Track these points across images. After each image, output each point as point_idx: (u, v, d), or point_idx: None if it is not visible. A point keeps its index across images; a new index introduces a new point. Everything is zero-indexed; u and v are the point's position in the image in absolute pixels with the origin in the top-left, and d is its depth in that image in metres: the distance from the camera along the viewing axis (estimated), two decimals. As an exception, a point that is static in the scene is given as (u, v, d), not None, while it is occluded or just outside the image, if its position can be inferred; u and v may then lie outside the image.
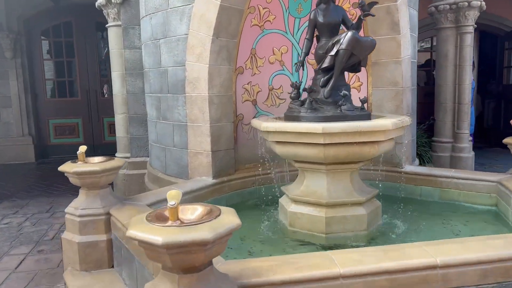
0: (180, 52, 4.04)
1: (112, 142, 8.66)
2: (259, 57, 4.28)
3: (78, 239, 3.10)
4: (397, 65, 4.14)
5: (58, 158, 9.05)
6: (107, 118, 9.14)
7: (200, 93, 3.92)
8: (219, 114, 3.99)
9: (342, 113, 3.20)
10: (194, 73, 3.93)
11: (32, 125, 8.81)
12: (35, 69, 8.92)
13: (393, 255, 2.12)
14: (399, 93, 4.19)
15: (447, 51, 6.28)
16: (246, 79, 4.24)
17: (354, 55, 3.28)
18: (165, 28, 4.16)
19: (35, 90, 8.95)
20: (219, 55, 3.90)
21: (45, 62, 9.15)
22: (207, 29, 3.79)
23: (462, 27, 6.10)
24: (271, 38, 4.27)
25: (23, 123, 8.65)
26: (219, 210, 1.85)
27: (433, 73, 8.66)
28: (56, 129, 9.14)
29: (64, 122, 9.17)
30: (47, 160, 8.94)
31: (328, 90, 3.33)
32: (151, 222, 1.73)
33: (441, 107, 6.45)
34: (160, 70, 4.33)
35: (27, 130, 8.74)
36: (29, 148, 8.68)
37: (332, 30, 3.44)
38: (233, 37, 3.97)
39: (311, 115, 3.23)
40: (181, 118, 4.14)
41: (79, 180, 3.07)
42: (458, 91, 6.27)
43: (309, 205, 3.31)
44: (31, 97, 8.78)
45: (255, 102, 4.34)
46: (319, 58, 3.44)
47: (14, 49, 8.30)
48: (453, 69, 6.28)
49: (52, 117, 9.08)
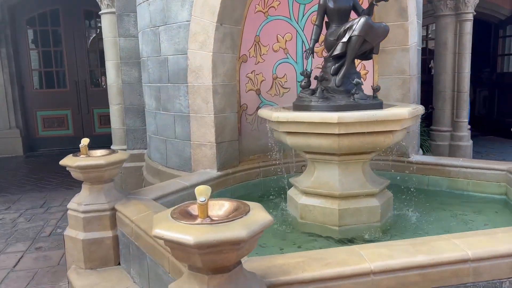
0: (182, 39, 3.88)
1: (103, 134, 8.50)
2: (263, 45, 4.14)
3: (82, 236, 2.95)
4: (405, 52, 4.05)
5: (47, 151, 8.84)
6: (98, 110, 8.90)
7: (203, 83, 3.78)
8: (223, 104, 3.85)
9: (355, 102, 3.10)
10: (197, 61, 3.78)
11: (20, 117, 8.52)
12: (21, 59, 8.61)
13: (423, 249, 2.04)
14: (406, 81, 4.11)
15: (446, 39, 6.23)
16: (249, 67, 4.11)
17: (366, 42, 3.17)
18: (165, 14, 3.99)
19: (22, 81, 8.65)
20: (223, 43, 3.75)
21: (31, 52, 8.83)
22: (211, 15, 3.64)
23: (462, 14, 6.05)
24: (275, 25, 4.13)
25: (9, 115, 8.36)
26: (247, 205, 1.74)
27: (428, 62, 8.64)
28: (44, 121, 8.86)
29: (52, 114, 8.90)
30: (36, 153, 8.68)
31: (340, 78, 3.23)
32: (177, 220, 1.60)
33: (440, 96, 6.42)
34: (159, 58, 4.16)
35: (14, 123, 8.45)
36: (17, 141, 8.40)
37: (343, 16, 3.32)
38: (237, 24, 3.82)
39: (323, 104, 3.12)
40: (183, 108, 3.99)
41: (82, 174, 2.92)
42: (458, 79, 6.23)
43: (321, 197, 3.22)
44: (18, 88, 8.48)
45: (259, 91, 4.21)
46: (330, 45, 3.32)
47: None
48: (452, 57, 6.24)
49: (40, 108, 8.80)
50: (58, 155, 8.35)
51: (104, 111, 8.57)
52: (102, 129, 8.85)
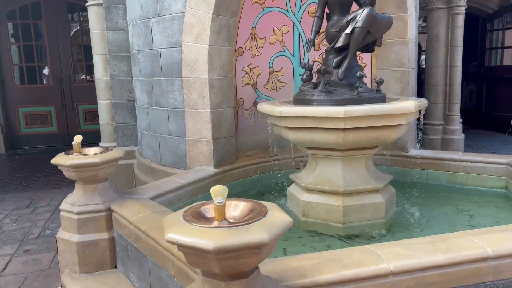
0: (176, 32, 3.73)
1: (89, 131, 8.26)
2: (260, 38, 4.02)
3: (76, 239, 2.80)
4: (403, 45, 3.98)
5: (30, 148, 8.56)
6: (83, 106, 8.65)
7: (199, 77, 3.64)
8: (220, 99, 3.73)
9: (359, 95, 3.02)
10: (192, 54, 3.64)
11: (0, 114, 8.21)
12: (1, 54, 8.28)
13: (442, 247, 1.96)
14: (405, 74, 4.05)
15: (439, 32, 6.21)
16: (246, 61, 3.99)
17: (369, 34, 3.09)
18: (157, 5, 3.83)
19: (2, 76, 8.33)
20: (219, 35, 3.62)
21: (12, 46, 8.50)
22: (207, 6, 3.50)
23: (454, 7, 6.02)
24: (272, 16, 4.02)
25: (-10, 112, 8.05)
26: (263, 205, 1.63)
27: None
28: (26, 118, 8.57)
29: (35, 110, 8.61)
30: (18, 151, 8.40)
31: (343, 71, 3.13)
32: (191, 223, 1.48)
33: (432, 89, 6.40)
34: (152, 52, 4.00)
35: (-5, 120, 8.15)
36: (-2, 138, 8.11)
37: (344, 7, 3.23)
38: (233, 15, 3.69)
39: (326, 98, 3.02)
40: (177, 103, 3.85)
41: (76, 173, 2.76)
42: (450, 72, 6.23)
43: (324, 194, 3.13)
44: (-2, 84, 8.18)
45: (255, 85, 4.10)
46: (331, 37, 3.22)
47: (-23, 32, 7.66)
48: (445, 51, 6.22)
49: (22, 105, 8.50)
50: (42, 153, 8.15)
51: (90, 107, 8.35)
52: (88, 125, 8.61)
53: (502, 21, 8.43)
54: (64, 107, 8.67)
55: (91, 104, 7.56)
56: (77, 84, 8.77)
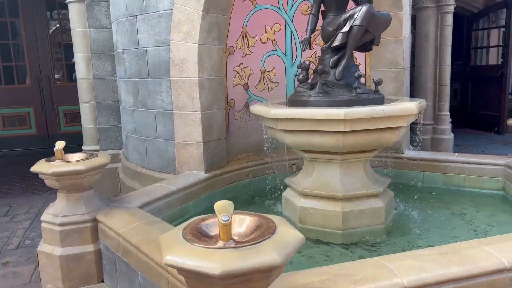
0: (163, 30, 3.55)
1: (70, 133, 7.97)
2: (251, 36, 3.87)
3: (59, 252, 2.61)
4: (398, 44, 3.88)
5: (8, 152, 8.19)
6: (63, 107, 8.34)
7: (188, 77, 3.47)
8: (210, 100, 3.56)
9: (358, 96, 2.89)
10: (181, 54, 3.47)
11: (-24, 116, 7.86)
12: (-24, 53, 7.92)
13: (454, 259, 1.84)
14: (400, 74, 3.96)
15: (428, 31, 6.15)
16: (237, 60, 3.83)
17: (368, 32, 2.97)
18: (143, 2, 3.64)
19: (-23, 76, 7.97)
20: (210, 34, 3.45)
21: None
22: (196, 3, 3.33)
23: (443, 6, 5.98)
24: (263, 14, 3.87)
25: (-35, 113, 7.68)
26: (270, 220, 1.48)
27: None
28: (4, 120, 8.21)
29: (13, 111, 8.24)
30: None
31: (340, 71, 3.01)
32: (192, 243, 1.32)
33: (421, 89, 6.35)
34: (137, 51, 3.80)
35: (-29, 122, 7.78)
36: (-26, 141, 7.74)
37: (340, 4, 3.11)
38: (224, 13, 3.53)
39: (323, 99, 2.89)
40: (165, 105, 3.67)
41: (58, 182, 2.57)
42: (439, 72, 6.18)
43: (322, 199, 3.00)
44: (-27, 84, 7.81)
45: (246, 86, 3.94)
46: (328, 35, 3.09)
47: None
48: (434, 50, 6.17)
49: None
50: (20, 156, 7.81)
51: (71, 108, 8.06)
52: (69, 127, 8.30)
53: (487, 21, 8.46)
54: (43, 108, 8.35)
55: (72, 105, 7.28)
56: (57, 84, 8.45)
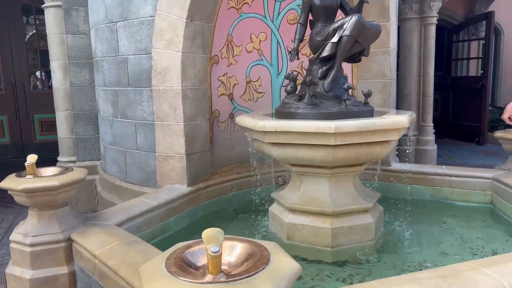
0: (145, 37, 3.40)
1: (46, 142, 7.68)
2: (236, 45, 3.75)
3: (29, 275, 2.41)
4: (386, 55, 3.83)
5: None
6: (38, 115, 8.04)
7: (171, 86, 3.32)
8: (194, 111, 3.42)
9: (348, 109, 2.80)
10: (163, 62, 3.32)
11: None
12: None
13: (455, 282, 1.74)
14: (387, 85, 3.90)
15: (412, 42, 6.17)
16: (221, 70, 3.71)
17: (357, 43, 2.89)
18: (124, 8, 3.49)
19: None
20: (194, 42, 3.32)
21: (-41, 50, 7.79)
22: (180, 10, 3.20)
23: (426, 18, 6.01)
24: (249, 23, 3.76)
25: None
26: (263, 247, 1.36)
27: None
28: (-24, 128, 7.87)
29: (-15, 120, 7.92)
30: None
31: (329, 83, 2.91)
32: (177, 276, 1.18)
33: (406, 100, 6.35)
34: (117, 59, 3.64)
35: None
36: None
37: (329, 14, 3.03)
38: (209, 21, 3.41)
39: (312, 111, 2.79)
40: (146, 115, 3.51)
41: (29, 199, 2.38)
42: (423, 83, 6.19)
43: (311, 215, 2.89)
44: None
45: (231, 96, 3.82)
46: (316, 45, 3.00)
47: None
48: (418, 61, 6.19)
49: (-29, 114, 7.80)
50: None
51: (47, 116, 7.77)
52: (44, 136, 8.00)
53: (467, 33, 8.59)
54: (17, 117, 8.03)
55: (49, 113, 7.01)
56: (32, 91, 8.15)
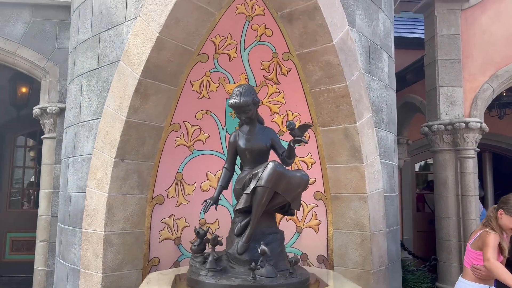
0: (84, 175, 3.21)
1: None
2: (188, 183, 3.38)
3: None
4: (362, 202, 3.14)
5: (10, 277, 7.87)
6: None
7: (95, 230, 2.98)
8: (120, 260, 2.98)
9: (256, 280, 2.15)
10: (93, 203, 3.04)
11: None
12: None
13: None
14: (366, 239, 3.13)
15: (446, 177, 5.28)
16: (167, 211, 3.30)
17: (278, 195, 2.33)
18: (74, 145, 3.40)
19: None
20: (126, 182, 3.02)
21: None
22: (110, 149, 2.98)
23: (461, 151, 5.17)
24: (204, 160, 3.42)
25: None
26: None
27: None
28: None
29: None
30: None
31: (243, 243, 2.33)
32: None
33: (443, 245, 5.24)
34: (65, 195, 3.47)
35: None
36: None
37: (256, 158, 2.57)
38: (147, 159, 3.13)
39: (211, 281, 2.19)
40: (76, 260, 3.15)
41: None
42: (463, 226, 5.11)
43: None
44: None
45: (179, 241, 3.33)
46: (237, 195, 2.52)
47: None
48: (455, 199, 5.20)
49: None
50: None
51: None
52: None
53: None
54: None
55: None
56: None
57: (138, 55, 2.88)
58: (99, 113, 3.15)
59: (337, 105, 3.11)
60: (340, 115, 3.12)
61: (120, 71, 2.99)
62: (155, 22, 2.80)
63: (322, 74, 3.06)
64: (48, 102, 4.75)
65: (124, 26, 3.04)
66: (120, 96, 2.97)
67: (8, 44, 4.78)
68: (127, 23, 3.02)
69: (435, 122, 5.31)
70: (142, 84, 2.90)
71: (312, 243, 3.37)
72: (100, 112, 3.14)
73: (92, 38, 3.31)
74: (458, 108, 5.25)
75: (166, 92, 3.05)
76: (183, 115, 3.27)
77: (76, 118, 3.43)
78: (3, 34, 4.78)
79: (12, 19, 4.81)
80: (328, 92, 3.10)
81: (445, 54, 5.32)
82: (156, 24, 2.80)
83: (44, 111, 4.70)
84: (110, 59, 3.12)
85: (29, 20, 4.85)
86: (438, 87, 5.28)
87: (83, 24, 3.45)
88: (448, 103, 5.27)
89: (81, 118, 3.35)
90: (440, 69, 5.31)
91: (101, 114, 3.12)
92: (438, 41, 5.33)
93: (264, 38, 3.21)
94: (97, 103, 3.19)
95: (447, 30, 5.34)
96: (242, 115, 2.52)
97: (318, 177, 3.36)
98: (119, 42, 3.06)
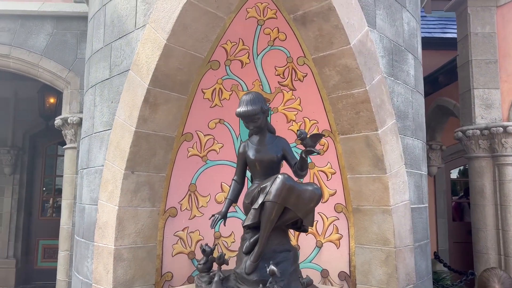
0: (96, 187, 3.15)
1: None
2: (202, 195, 3.26)
3: None
4: (386, 215, 2.91)
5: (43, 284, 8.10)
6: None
7: (106, 244, 2.90)
8: (131, 275, 2.88)
9: (264, 305, 1.99)
10: (104, 216, 2.97)
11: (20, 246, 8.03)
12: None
13: None
14: (391, 256, 2.90)
15: (483, 186, 4.92)
16: (180, 224, 3.19)
17: (289, 210, 2.16)
18: (88, 156, 3.36)
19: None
20: (137, 194, 2.93)
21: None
22: (120, 161, 2.90)
23: (499, 157, 4.81)
24: (218, 170, 3.29)
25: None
26: None
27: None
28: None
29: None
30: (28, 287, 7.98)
31: (251, 263, 2.18)
32: None
33: (481, 258, 4.88)
34: (80, 207, 3.44)
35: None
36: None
37: (267, 169, 2.41)
38: (159, 171, 3.03)
39: (216, 303, 2.04)
40: (88, 274, 3.09)
41: None
42: (503, 238, 4.73)
43: None
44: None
45: (192, 255, 3.21)
46: (245, 209, 2.37)
47: (14, 165, 7.97)
48: (493, 209, 4.84)
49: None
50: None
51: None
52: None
53: None
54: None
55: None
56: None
57: (147, 64, 2.80)
58: (110, 124, 3.08)
59: (356, 111, 2.90)
60: (360, 122, 2.92)
61: (130, 80, 2.92)
62: (163, 29, 2.71)
63: (340, 78, 2.87)
64: (69, 112, 4.79)
65: (133, 35, 2.97)
66: (129, 106, 2.90)
67: (32, 56, 4.86)
68: (136, 31, 2.94)
69: (469, 127, 4.97)
70: (151, 94, 2.81)
71: (333, 259, 3.16)
72: (111, 122, 3.07)
73: (105, 48, 3.26)
74: (495, 111, 4.89)
75: (176, 101, 2.94)
76: (196, 124, 3.16)
77: (90, 129, 3.39)
78: (26, 46, 4.88)
79: (35, 31, 4.90)
80: (346, 97, 2.91)
81: (480, 54, 4.97)
82: (163, 31, 2.70)
83: (65, 121, 4.73)
84: (120, 68, 3.05)
85: (51, 31, 4.92)
86: (472, 89, 4.94)
87: (97, 34, 3.42)
88: (484, 106, 4.92)
89: (94, 129, 3.30)
90: (475, 70, 4.97)
91: (112, 124, 3.06)
92: (472, 40, 5.00)
93: (278, 42, 3.06)
94: (108, 114, 3.13)
95: (481, 28, 5.00)
96: (251, 124, 2.37)
97: (339, 188, 3.16)
98: (129, 51, 2.99)
